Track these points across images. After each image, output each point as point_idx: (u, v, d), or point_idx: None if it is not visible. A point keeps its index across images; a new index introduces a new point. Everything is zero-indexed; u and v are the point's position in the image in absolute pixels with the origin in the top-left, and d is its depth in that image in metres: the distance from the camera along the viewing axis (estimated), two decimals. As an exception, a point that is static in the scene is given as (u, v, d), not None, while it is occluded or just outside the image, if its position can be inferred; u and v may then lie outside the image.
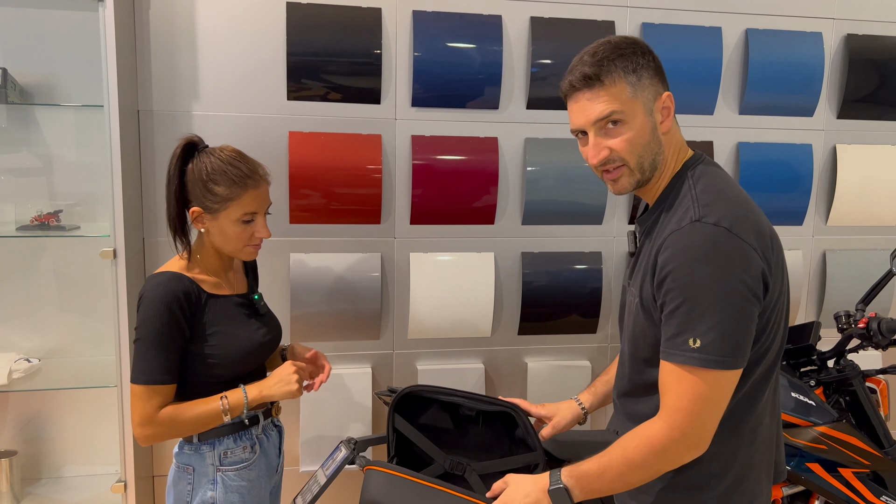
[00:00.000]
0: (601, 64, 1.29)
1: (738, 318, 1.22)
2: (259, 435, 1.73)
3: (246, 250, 1.69)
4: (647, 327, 1.34)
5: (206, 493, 1.65)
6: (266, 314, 1.81)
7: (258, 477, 1.72)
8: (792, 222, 2.79)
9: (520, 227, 2.60)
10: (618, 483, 1.30)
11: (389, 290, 2.55)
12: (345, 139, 2.42)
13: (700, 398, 1.23)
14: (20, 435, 2.45)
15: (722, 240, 1.22)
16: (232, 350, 1.65)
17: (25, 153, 2.37)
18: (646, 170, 1.34)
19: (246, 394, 1.64)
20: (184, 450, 1.68)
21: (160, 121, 2.34)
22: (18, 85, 2.27)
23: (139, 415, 1.57)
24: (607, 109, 1.29)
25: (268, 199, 1.71)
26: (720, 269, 1.21)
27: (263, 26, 2.35)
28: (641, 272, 1.35)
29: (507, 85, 2.52)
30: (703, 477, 1.33)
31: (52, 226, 2.31)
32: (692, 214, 1.26)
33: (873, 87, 2.76)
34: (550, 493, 1.33)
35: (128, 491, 2.22)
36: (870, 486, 1.91)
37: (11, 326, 2.41)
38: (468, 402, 1.80)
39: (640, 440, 1.28)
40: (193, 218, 1.67)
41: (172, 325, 1.56)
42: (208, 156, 1.65)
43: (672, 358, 1.25)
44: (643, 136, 1.31)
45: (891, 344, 2.01)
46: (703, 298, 1.20)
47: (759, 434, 1.36)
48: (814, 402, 1.95)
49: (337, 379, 2.49)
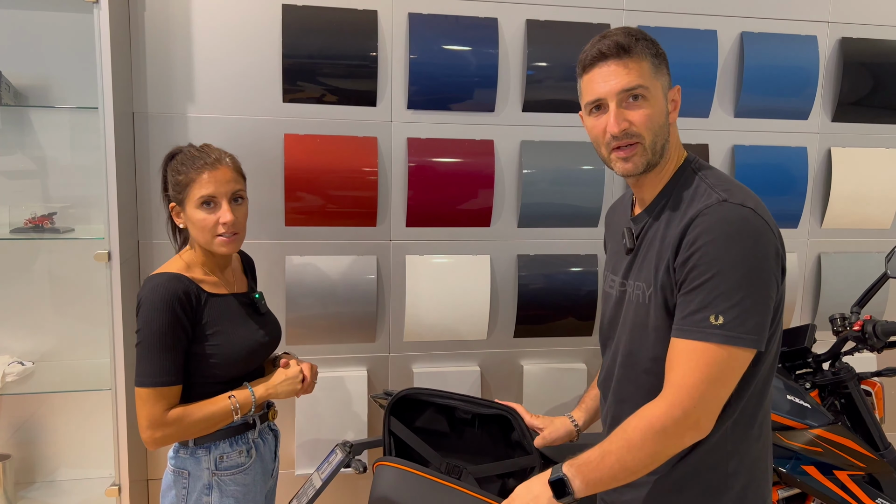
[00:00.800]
0: (635, 38, 1.33)
1: (762, 298, 1.23)
2: (255, 439, 1.72)
3: (216, 241, 1.64)
4: (659, 320, 1.32)
5: (201, 498, 1.64)
6: (266, 314, 1.80)
7: (254, 481, 1.71)
8: (787, 225, 2.79)
9: (516, 229, 2.60)
10: (618, 469, 1.27)
11: (385, 293, 2.55)
12: (340, 141, 2.42)
13: (708, 378, 1.22)
14: (13, 439, 2.44)
15: (751, 219, 1.24)
16: (233, 350, 1.64)
17: (19, 155, 2.36)
18: (657, 152, 1.35)
19: (253, 392, 1.65)
20: (179, 454, 1.67)
21: (155, 123, 2.33)
22: (13, 87, 2.27)
23: (147, 418, 1.56)
24: (636, 81, 1.31)
25: (231, 185, 1.65)
26: (750, 246, 1.22)
27: (259, 28, 2.35)
28: (654, 261, 1.34)
29: (502, 87, 2.52)
30: (721, 477, 1.33)
31: (47, 228, 2.31)
32: (717, 196, 1.28)
33: (868, 90, 2.77)
34: (550, 483, 1.31)
35: (122, 494, 2.21)
36: (865, 488, 1.91)
37: (5, 329, 2.40)
38: (464, 406, 1.79)
39: (640, 419, 1.26)
40: (174, 215, 1.69)
41: (175, 325, 1.56)
42: (180, 152, 1.68)
43: (688, 335, 1.24)
44: (660, 117, 1.34)
45: (886, 346, 2.02)
46: (730, 274, 1.21)
47: (764, 429, 1.37)
48: (809, 404, 1.95)
49: (332, 381, 2.48)
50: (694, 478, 1.33)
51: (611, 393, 1.47)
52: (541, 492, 1.31)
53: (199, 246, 1.68)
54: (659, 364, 1.31)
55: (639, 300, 1.38)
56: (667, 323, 1.31)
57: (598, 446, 1.30)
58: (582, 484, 1.28)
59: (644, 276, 1.37)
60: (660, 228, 1.36)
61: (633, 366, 1.40)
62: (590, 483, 1.28)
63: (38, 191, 2.37)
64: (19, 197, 2.36)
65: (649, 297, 1.35)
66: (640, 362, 1.38)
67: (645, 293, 1.36)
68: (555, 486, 1.30)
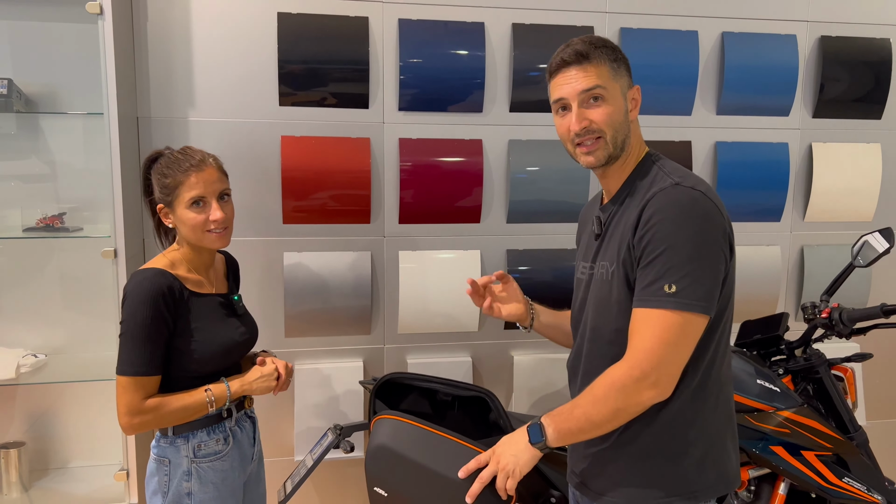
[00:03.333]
0: (594, 45, 1.48)
1: (710, 269, 1.36)
2: (232, 427, 1.80)
3: (207, 237, 1.73)
4: (621, 294, 1.45)
5: (181, 484, 1.73)
6: (244, 314, 1.89)
7: (231, 468, 1.79)
8: (770, 218, 2.88)
9: (504, 225, 2.70)
10: (584, 421, 1.41)
11: (379, 287, 2.66)
12: (335, 143, 2.53)
13: (664, 341, 1.35)
14: (27, 428, 2.57)
15: (701, 200, 1.38)
16: (212, 346, 1.73)
17: (31, 160, 2.48)
18: (618, 146, 1.49)
19: (228, 387, 1.74)
20: (160, 443, 1.76)
21: (158, 127, 2.45)
22: (24, 94, 2.39)
23: (125, 405, 1.65)
24: (594, 83, 1.47)
25: (218, 184, 1.75)
26: (698, 224, 1.36)
27: (256, 36, 2.46)
28: (617, 241, 1.47)
29: (490, 89, 2.62)
30: (682, 445, 1.45)
31: (57, 228, 2.42)
32: (671, 181, 1.41)
33: (847, 86, 2.85)
34: (528, 428, 1.48)
35: (130, 479, 2.32)
36: (832, 468, 2.00)
37: (19, 323, 2.52)
38: (444, 388, 1.90)
39: (604, 377, 1.41)
40: (163, 217, 1.78)
41: (157, 319, 1.64)
42: (162, 156, 1.77)
43: (645, 304, 1.37)
44: (619, 114, 1.48)
45: (853, 333, 2.11)
46: (681, 249, 1.34)
47: (720, 401, 1.49)
48: (779, 388, 2.04)
49: (330, 372, 2.59)
50: (657, 445, 1.45)
51: (581, 368, 1.59)
52: (520, 437, 1.49)
53: (185, 245, 1.78)
54: (621, 335, 1.44)
55: (603, 278, 1.52)
56: (628, 296, 1.44)
57: (571, 401, 1.46)
58: (554, 433, 1.44)
59: (608, 255, 1.50)
60: (623, 213, 1.49)
61: (598, 339, 1.52)
62: (561, 432, 1.44)
63: (49, 192, 2.49)
64: (31, 199, 2.48)
65: (612, 273, 1.48)
66: (605, 335, 1.50)
67: (608, 270, 1.49)
68: (531, 431, 1.47)
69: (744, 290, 2.82)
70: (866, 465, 2.05)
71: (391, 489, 1.68)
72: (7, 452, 2.41)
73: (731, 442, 1.53)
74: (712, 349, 1.45)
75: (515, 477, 1.48)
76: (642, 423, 1.44)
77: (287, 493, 1.99)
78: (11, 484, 2.42)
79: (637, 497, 1.47)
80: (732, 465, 1.52)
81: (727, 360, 1.51)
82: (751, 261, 2.85)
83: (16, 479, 2.43)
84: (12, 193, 2.47)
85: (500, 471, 1.50)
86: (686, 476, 1.45)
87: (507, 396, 2.78)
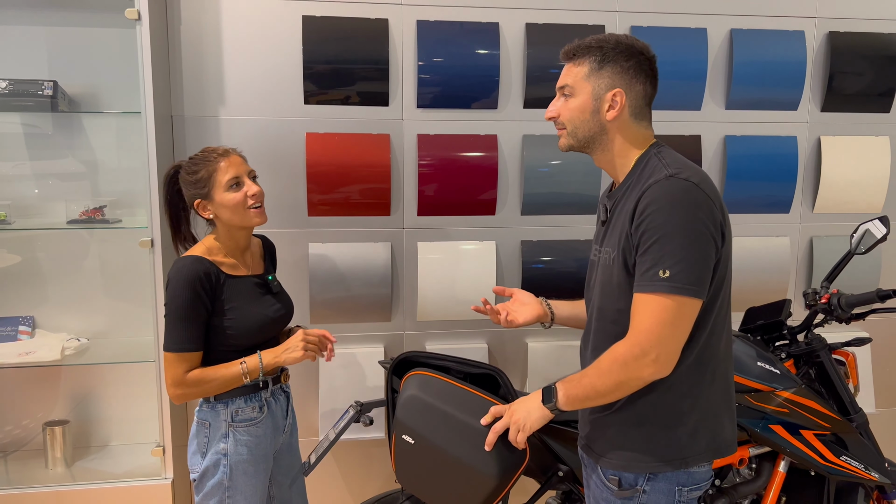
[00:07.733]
0: (580, 47, 1.61)
1: (702, 256, 1.47)
2: (268, 398, 1.97)
3: (249, 213, 1.91)
4: (621, 277, 1.57)
5: (219, 445, 1.90)
6: (279, 293, 2.05)
7: (265, 434, 1.96)
8: (779, 210, 2.95)
9: (519, 217, 2.81)
10: (590, 390, 1.54)
11: (399, 276, 2.78)
12: (357, 139, 2.66)
13: (661, 321, 1.46)
14: (72, 408, 2.74)
15: (692, 191, 1.48)
16: (247, 323, 1.90)
17: (73, 156, 2.65)
18: (579, 140, 1.64)
19: (261, 359, 1.89)
20: (203, 407, 1.94)
21: (191, 125, 2.60)
22: (67, 95, 2.56)
23: (171, 377, 1.84)
24: (564, 81, 1.63)
25: (246, 166, 1.94)
26: (690, 214, 1.46)
27: (282, 38, 2.60)
28: (619, 228, 1.58)
29: (504, 86, 2.73)
30: (676, 414, 1.56)
31: (98, 219, 2.58)
32: (666, 172, 1.51)
33: (855, 81, 2.91)
34: (543, 389, 1.63)
35: (165, 455, 2.48)
36: (830, 446, 2.07)
37: (63, 309, 2.69)
38: (456, 366, 2.02)
39: (610, 352, 1.53)
40: (200, 211, 1.93)
41: (195, 300, 1.82)
42: (183, 164, 1.95)
43: (643, 288, 1.49)
44: (582, 113, 1.61)
45: (852, 318, 2.18)
46: (674, 237, 1.45)
47: (717, 375, 1.60)
48: (779, 370, 2.12)
49: (352, 357, 2.73)
50: (653, 413, 1.57)
51: (590, 343, 1.71)
52: (534, 397, 1.65)
53: (221, 232, 1.94)
54: (623, 315, 1.56)
55: (606, 262, 1.63)
56: (627, 280, 1.55)
57: (581, 371, 1.59)
58: (564, 396, 1.58)
59: (612, 241, 1.62)
60: (625, 202, 1.60)
61: (603, 318, 1.64)
62: (569, 397, 1.57)
63: (90, 187, 2.66)
64: (73, 192, 2.65)
65: (613, 259, 1.59)
66: (609, 314, 1.62)
67: (611, 256, 1.61)
68: (545, 392, 1.62)
69: (754, 280, 2.91)
70: (864, 445, 2.12)
71: (418, 436, 1.84)
72: (52, 429, 2.58)
73: (727, 415, 1.63)
74: (708, 329, 1.55)
75: (526, 431, 1.64)
76: (640, 394, 1.55)
77: (311, 465, 2.14)
78: (56, 459, 2.59)
79: (632, 460, 1.59)
80: (726, 435, 1.63)
81: (725, 338, 1.61)
82: (760, 251, 2.92)
83: (60, 455, 2.59)
84: (57, 188, 2.64)
85: (511, 424, 1.66)
86: (679, 443, 1.56)
87: (522, 381, 2.89)
